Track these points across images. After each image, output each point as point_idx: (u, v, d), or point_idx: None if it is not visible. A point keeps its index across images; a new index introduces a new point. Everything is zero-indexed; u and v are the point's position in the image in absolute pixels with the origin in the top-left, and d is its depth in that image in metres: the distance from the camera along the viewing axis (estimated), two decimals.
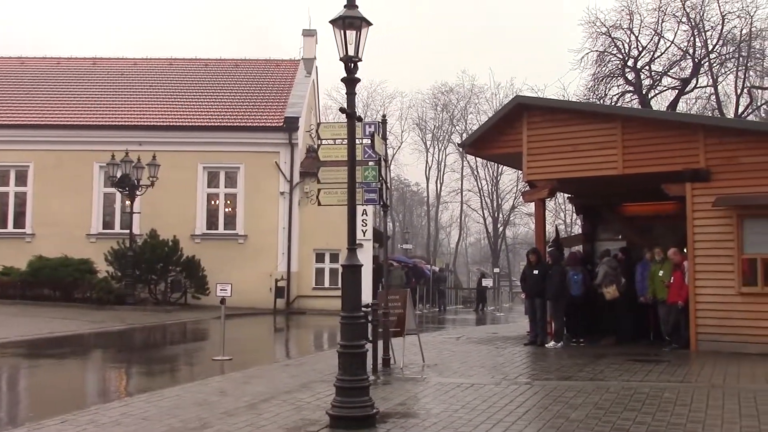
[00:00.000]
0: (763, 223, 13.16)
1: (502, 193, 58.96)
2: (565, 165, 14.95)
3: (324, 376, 10.56)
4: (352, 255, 7.88)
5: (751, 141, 13.47)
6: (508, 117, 15.79)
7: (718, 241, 13.41)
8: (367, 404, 7.44)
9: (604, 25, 34.00)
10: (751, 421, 7.48)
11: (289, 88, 30.39)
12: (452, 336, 17.45)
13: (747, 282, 13.11)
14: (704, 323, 13.38)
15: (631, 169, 14.27)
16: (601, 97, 34.08)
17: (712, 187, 13.47)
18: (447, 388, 9.64)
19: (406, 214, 74.42)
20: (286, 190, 27.93)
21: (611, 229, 17.74)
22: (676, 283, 13.71)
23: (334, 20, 8.04)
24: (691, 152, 13.75)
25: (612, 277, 14.66)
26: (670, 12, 33.09)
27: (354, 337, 7.63)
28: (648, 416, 7.75)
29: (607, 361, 12.09)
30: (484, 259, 72.89)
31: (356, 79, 8.15)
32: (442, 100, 58.64)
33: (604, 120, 14.93)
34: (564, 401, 8.63)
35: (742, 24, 32.46)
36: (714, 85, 34.12)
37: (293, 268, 27.74)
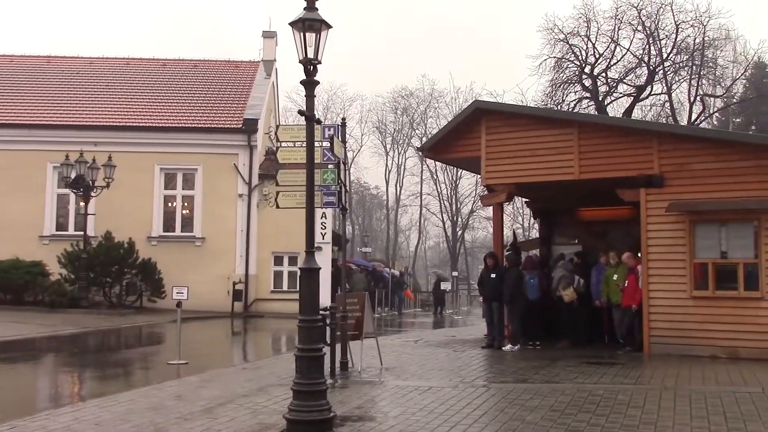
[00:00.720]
0: (714, 229, 13.46)
1: (461, 197, 59.32)
2: (523, 170, 15.10)
3: (281, 379, 10.49)
4: (310, 258, 7.85)
5: (703, 148, 13.75)
6: (467, 121, 15.90)
7: (671, 246, 13.66)
8: (324, 408, 7.42)
9: (562, 32, 34.50)
10: (701, 422, 7.64)
11: (248, 89, 30.20)
12: (410, 339, 17.48)
13: (698, 286, 13.38)
14: (657, 326, 13.62)
15: (587, 174, 14.47)
16: (559, 103, 34.54)
17: (665, 193, 13.72)
18: (405, 391, 9.66)
19: (366, 218, 74.41)
20: (244, 193, 27.73)
21: (568, 234, 17.98)
22: (630, 287, 13.94)
23: (294, 22, 8.02)
24: (646, 158, 13.99)
25: (568, 279, 14.85)
26: (626, 20, 33.71)
27: (311, 341, 7.61)
28: (602, 418, 7.85)
29: (562, 363, 12.23)
30: (443, 262, 73.21)
31: (315, 81, 8.13)
32: (402, 104, 58.83)
33: (561, 126, 15.13)
34: (520, 404, 8.71)
35: (695, 33, 33.23)
36: (668, 92, 34.84)
37: (251, 270, 27.53)
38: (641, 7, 33.06)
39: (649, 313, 13.67)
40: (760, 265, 12.90)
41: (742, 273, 13.07)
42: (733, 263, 13.21)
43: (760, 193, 12.93)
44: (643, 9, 33.14)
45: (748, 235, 13.18)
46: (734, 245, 13.26)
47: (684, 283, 13.45)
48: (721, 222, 13.38)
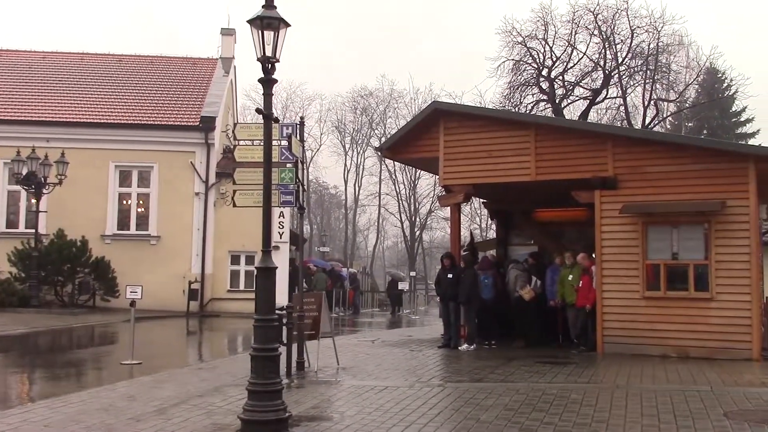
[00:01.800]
0: (666, 231, 13.73)
1: (419, 197, 59.54)
2: (481, 170, 15.22)
3: (237, 379, 10.41)
4: (267, 257, 7.81)
5: (656, 151, 14.02)
6: (425, 122, 15.97)
7: (624, 247, 13.90)
8: (279, 408, 7.38)
9: (520, 34, 34.81)
10: (651, 420, 7.78)
11: (206, 87, 29.91)
12: (367, 339, 17.50)
13: (651, 287, 13.64)
14: (610, 326, 13.84)
15: (543, 175, 14.65)
16: (517, 105, 34.85)
17: (619, 195, 13.96)
18: (361, 390, 9.66)
19: (324, 217, 74.22)
20: (201, 191, 27.45)
21: (524, 234, 18.17)
22: (584, 287, 14.15)
23: (252, 20, 7.97)
24: (600, 161, 14.21)
25: (524, 278, 15.02)
26: (583, 24, 34.14)
27: (267, 340, 7.56)
28: (555, 417, 7.95)
29: (517, 363, 12.35)
30: (401, 262, 73.39)
31: (273, 80, 8.08)
32: (361, 104, 58.86)
33: (518, 127, 15.28)
34: (475, 403, 8.77)
35: (649, 38, 33.80)
36: (623, 96, 35.38)
37: (207, 270, 27.27)
38: (597, 11, 33.54)
39: (603, 313, 13.89)
40: (710, 266, 13.20)
41: (692, 274, 13.36)
42: (684, 264, 13.49)
43: (710, 195, 13.22)
44: (600, 14, 33.63)
45: (699, 236, 13.48)
46: (685, 247, 13.55)
47: (636, 283, 13.70)
48: (672, 224, 13.66)
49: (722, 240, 13.13)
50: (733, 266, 13.04)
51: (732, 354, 12.72)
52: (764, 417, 7.90)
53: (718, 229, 13.17)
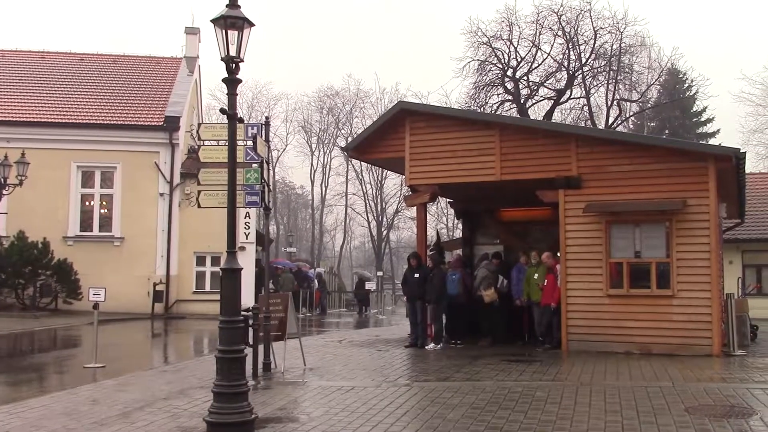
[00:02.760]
0: (629, 229, 13.93)
1: (386, 197, 59.58)
2: (446, 170, 15.29)
3: (203, 381, 10.33)
4: (232, 258, 7.75)
5: (619, 151, 14.21)
6: (391, 122, 15.99)
7: (588, 246, 14.07)
8: (245, 410, 7.33)
9: (485, 35, 35.07)
10: (615, 417, 7.88)
11: (170, 86, 29.61)
12: (335, 339, 17.47)
13: (614, 285, 13.83)
14: (575, 324, 14.00)
15: (508, 175, 14.76)
16: (482, 105, 35.09)
17: (583, 194, 14.12)
18: (328, 391, 9.65)
19: (291, 217, 73.92)
20: (165, 192, 27.17)
21: (490, 234, 18.28)
22: (549, 286, 14.29)
23: (216, 19, 7.91)
24: (564, 160, 14.36)
25: (490, 280, 15.11)
26: (547, 25, 34.52)
27: (233, 342, 7.51)
28: (521, 414, 8.02)
29: (483, 361, 12.43)
30: (369, 262, 73.39)
31: (237, 79, 8.03)
32: (327, 104, 58.71)
33: (483, 127, 15.38)
34: (442, 402, 8.81)
35: (612, 40, 34.29)
36: (587, 96, 35.82)
37: (173, 271, 27.00)
38: (561, 13, 33.93)
39: (567, 311, 14.04)
40: (671, 264, 13.42)
41: (654, 272, 13.58)
42: (647, 262, 13.70)
43: (671, 194, 13.45)
44: (563, 15, 34.03)
45: (661, 235, 13.69)
46: (647, 245, 13.76)
47: (600, 281, 13.87)
48: (635, 223, 13.86)
49: (683, 238, 13.36)
50: (694, 264, 13.27)
51: (693, 350, 12.95)
52: (724, 411, 8.06)
53: (679, 227, 13.40)
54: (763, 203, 29.02)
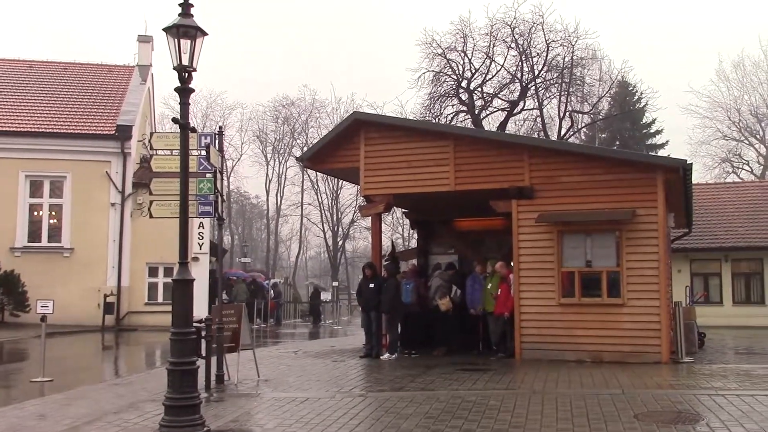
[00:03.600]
0: (580, 239, 14.15)
1: (342, 207, 59.50)
2: (401, 181, 15.35)
3: (154, 395, 10.17)
4: (184, 269, 7.68)
5: (570, 161, 14.43)
6: (346, 132, 16.01)
7: (540, 255, 14.24)
8: (197, 422, 7.26)
9: (440, 46, 35.35)
10: (566, 424, 7.98)
11: (122, 94, 29.20)
12: (289, 350, 17.37)
13: (566, 294, 14.02)
14: (528, 333, 14.15)
15: (462, 185, 14.88)
16: (437, 116, 35.33)
17: (535, 204, 14.30)
18: (282, 402, 9.58)
19: (246, 227, 73.37)
20: (117, 202, 26.74)
21: (444, 243, 18.39)
22: (503, 295, 14.42)
23: (168, 28, 7.86)
24: (517, 171, 14.53)
25: (445, 289, 15.19)
26: (501, 38, 34.94)
27: (184, 354, 7.43)
28: (474, 423, 8.07)
29: (438, 371, 12.48)
30: (324, 272, 73.15)
31: (190, 89, 7.99)
32: (283, 113, 58.47)
33: (438, 138, 15.48)
34: (396, 412, 8.82)
35: (564, 52, 34.85)
36: (539, 108, 36.33)
37: (124, 282, 26.56)
38: (514, 25, 34.38)
39: (520, 320, 14.19)
40: (621, 273, 13.66)
41: (605, 281, 13.80)
42: (597, 271, 13.93)
43: (621, 204, 13.70)
44: (516, 27, 34.48)
45: (611, 244, 13.93)
46: (598, 254, 13.98)
47: (552, 290, 14.05)
48: (586, 232, 14.08)
49: (633, 248, 13.62)
50: (643, 273, 13.52)
51: (643, 358, 13.18)
52: (672, 418, 8.22)
53: (628, 237, 13.65)
54: (710, 213, 29.76)
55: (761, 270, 28.25)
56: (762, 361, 14.60)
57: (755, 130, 54.93)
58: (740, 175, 52.84)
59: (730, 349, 17.38)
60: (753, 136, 54.91)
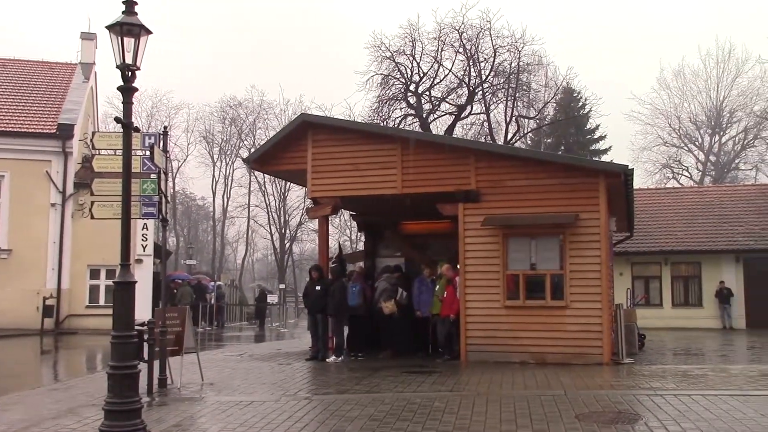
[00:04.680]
0: (525, 242, 14.33)
1: (289, 209, 59.24)
2: (348, 183, 15.35)
3: (94, 399, 9.96)
4: (126, 271, 7.54)
5: (516, 166, 14.62)
6: (293, 134, 15.93)
7: (486, 258, 14.39)
8: (138, 427, 7.13)
9: (389, 49, 35.43)
10: (509, 425, 8.07)
11: (64, 93, 28.53)
12: (234, 353, 17.18)
13: (511, 296, 14.19)
14: (473, 335, 14.28)
15: (409, 189, 14.94)
16: (385, 119, 35.39)
17: (481, 208, 14.45)
18: (226, 406, 9.47)
19: (191, 229, 72.42)
20: (58, 202, 26.11)
21: (391, 246, 18.43)
22: (449, 298, 14.52)
23: (111, 26, 7.72)
24: (464, 174, 14.66)
25: (390, 292, 15.23)
26: (449, 42, 35.17)
27: (125, 357, 7.29)
28: (419, 425, 8.10)
29: (384, 373, 12.50)
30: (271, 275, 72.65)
31: (134, 88, 7.85)
32: (230, 114, 57.95)
33: (385, 141, 15.52)
34: (341, 415, 8.80)
35: (511, 58, 35.25)
36: (486, 112, 36.67)
37: (64, 285, 25.93)
38: (462, 30, 34.64)
39: (466, 323, 14.31)
40: (564, 276, 13.88)
41: (549, 283, 14.01)
42: (542, 274, 14.13)
43: (564, 208, 13.94)
44: (464, 32, 34.75)
45: (555, 247, 14.15)
46: (542, 257, 14.20)
47: (498, 293, 14.21)
48: (530, 236, 14.28)
49: (576, 251, 13.86)
50: (585, 275, 13.77)
51: (585, 359, 13.42)
52: (612, 418, 8.38)
53: (572, 240, 13.89)
54: (650, 218, 30.47)
55: (699, 273, 29.02)
56: (699, 362, 15.00)
57: (694, 137, 56.58)
58: (680, 180, 54.34)
59: (669, 351, 17.81)
60: (692, 143, 56.54)
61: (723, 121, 55.05)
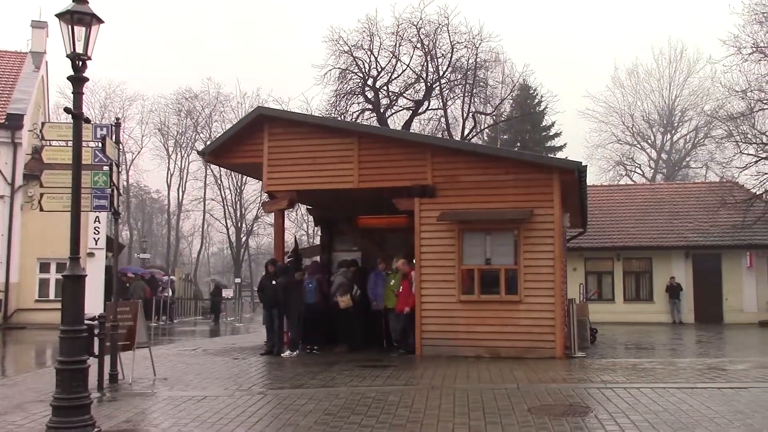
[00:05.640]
0: (480, 237, 14.45)
1: (246, 203, 58.76)
2: (305, 177, 15.29)
3: (42, 395, 9.76)
4: (75, 264, 7.40)
5: (472, 161, 14.71)
6: (249, 127, 15.79)
7: (441, 253, 14.47)
8: (87, 423, 7.01)
9: (347, 44, 35.31)
10: (462, 418, 8.13)
11: (13, 82, 27.83)
12: (188, 348, 17.01)
13: (466, 291, 14.30)
14: (428, 329, 14.34)
15: (366, 183, 14.94)
16: (343, 113, 35.29)
17: (437, 203, 14.51)
18: (178, 401, 9.37)
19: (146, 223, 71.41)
20: (6, 194, 25.50)
21: (348, 241, 18.42)
22: (404, 292, 14.57)
23: (61, 14, 7.56)
24: (420, 170, 14.71)
25: (346, 287, 15.22)
26: (407, 37, 35.19)
27: (74, 352, 7.16)
28: (373, 419, 8.12)
29: (339, 368, 12.50)
30: (227, 269, 72.03)
31: (84, 77, 7.70)
32: (186, 106, 57.16)
33: (342, 135, 15.49)
34: (295, 409, 8.77)
35: (468, 54, 35.42)
36: (444, 108, 36.81)
37: (13, 278, 25.35)
38: (420, 26, 34.69)
39: (422, 317, 14.37)
40: (519, 271, 14.03)
41: (503, 278, 14.15)
42: (496, 269, 14.27)
43: (519, 204, 14.08)
44: (422, 28, 34.80)
45: (509, 243, 14.29)
46: (497, 252, 14.33)
47: (453, 288, 14.29)
48: (486, 231, 14.39)
49: (530, 246, 14.01)
50: (539, 271, 13.94)
51: (538, 353, 13.59)
52: (563, 411, 8.50)
53: (526, 236, 14.04)
54: (604, 214, 30.96)
55: (650, 269, 29.59)
56: (648, 356, 15.30)
57: (647, 135, 57.63)
58: (633, 177, 55.31)
59: (620, 344, 18.13)
60: (645, 140, 57.59)
61: (675, 119, 56.20)
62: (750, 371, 11.90)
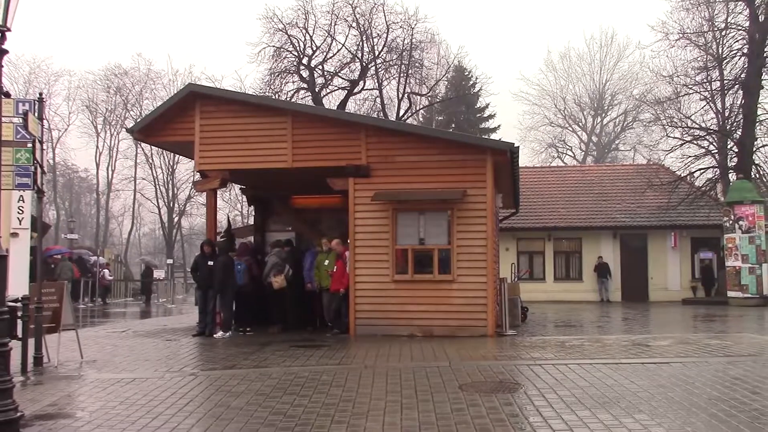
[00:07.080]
0: (414, 217, 14.54)
1: (178, 182, 57.61)
2: (237, 156, 15.10)
3: None
4: None
5: (406, 142, 14.76)
6: (180, 105, 15.48)
7: (376, 233, 14.51)
8: (9, 408, 6.77)
9: (282, 21, 34.99)
10: (395, 396, 8.20)
11: None
12: (118, 330, 16.68)
13: (400, 270, 14.39)
14: (362, 309, 14.40)
15: (300, 162, 14.84)
16: (277, 92, 34.99)
17: (371, 183, 14.53)
18: (106, 384, 9.19)
19: (74, 202, 69.44)
20: None
21: (282, 221, 18.30)
22: (338, 272, 14.58)
23: None
24: (354, 149, 14.69)
25: (280, 267, 15.13)
26: (342, 16, 35.07)
27: None
28: (305, 399, 8.11)
29: (272, 348, 12.44)
30: (159, 249, 70.73)
31: (4, 50, 7.38)
32: (115, 83, 55.53)
33: (276, 114, 15.32)
34: (227, 390, 8.70)
35: (404, 35, 35.53)
36: (379, 88, 36.86)
37: None
38: (356, 5, 34.61)
39: (355, 297, 14.41)
40: (452, 250, 14.18)
41: (436, 258, 14.28)
42: (430, 249, 14.38)
43: (453, 185, 14.20)
44: (358, 7, 34.74)
45: (443, 223, 14.43)
46: (431, 233, 14.45)
47: (387, 267, 14.37)
48: (419, 211, 14.49)
49: (463, 226, 14.17)
50: (472, 251, 14.11)
51: (470, 331, 13.80)
52: (493, 387, 8.66)
53: (459, 216, 14.19)
54: (536, 195, 31.52)
55: (580, 249, 30.30)
56: (576, 333, 15.69)
57: (578, 118, 58.84)
58: (564, 159, 56.44)
59: (550, 323, 18.53)
60: (576, 123, 58.80)
61: (605, 103, 57.52)
62: (672, 347, 12.33)
